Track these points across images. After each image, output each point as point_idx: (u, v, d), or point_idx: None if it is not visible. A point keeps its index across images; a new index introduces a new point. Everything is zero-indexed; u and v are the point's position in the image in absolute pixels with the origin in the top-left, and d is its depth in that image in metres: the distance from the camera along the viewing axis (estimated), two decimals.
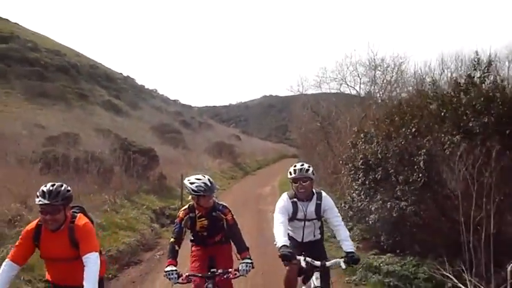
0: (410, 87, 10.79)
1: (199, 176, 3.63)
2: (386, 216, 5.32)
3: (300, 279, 3.92)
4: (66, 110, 26.54)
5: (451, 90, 5.93)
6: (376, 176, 5.59)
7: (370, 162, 5.79)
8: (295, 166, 3.90)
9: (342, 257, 3.62)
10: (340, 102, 14.08)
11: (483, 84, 5.76)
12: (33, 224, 2.97)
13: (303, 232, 3.96)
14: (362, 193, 5.91)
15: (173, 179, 13.41)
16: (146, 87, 43.74)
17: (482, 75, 5.94)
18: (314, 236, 4.02)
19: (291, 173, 3.85)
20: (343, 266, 3.55)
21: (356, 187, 6.11)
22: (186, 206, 3.75)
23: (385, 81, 14.02)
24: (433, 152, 5.15)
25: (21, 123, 18.49)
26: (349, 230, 5.27)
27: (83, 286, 2.72)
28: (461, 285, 4.19)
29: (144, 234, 7.86)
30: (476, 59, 6.31)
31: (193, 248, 3.92)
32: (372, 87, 13.49)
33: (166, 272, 3.39)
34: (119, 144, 12.08)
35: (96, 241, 3.01)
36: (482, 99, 5.19)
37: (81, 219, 3.00)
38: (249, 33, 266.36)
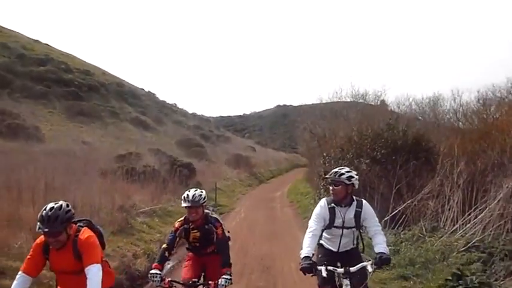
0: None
1: (195, 189, 4.21)
2: None
3: None
4: (102, 127, 32.29)
5: (373, 131, 11.37)
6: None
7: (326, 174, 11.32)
8: (334, 169, 4.05)
9: (369, 260, 3.81)
10: (332, 124, 19.34)
11: (392, 130, 11.19)
12: (42, 238, 3.25)
13: (340, 241, 4.03)
14: (322, 190, 11.43)
15: (206, 185, 18.91)
16: (167, 102, 49.64)
17: (393, 124, 11.40)
18: (350, 245, 4.11)
19: (327, 177, 4.13)
20: (370, 269, 3.64)
21: (320, 187, 11.60)
22: (182, 218, 4.28)
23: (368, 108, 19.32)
24: (358, 168, 10.60)
25: (71, 140, 23.86)
26: None
27: None
28: None
29: None
30: (392, 114, 11.78)
31: (188, 254, 4.50)
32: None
33: (150, 274, 3.88)
34: (168, 160, 17.71)
35: (98, 253, 3.27)
36: (382, 140, 10.65)
37: (84, 233, 3.29)
38: (262, 43, 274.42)
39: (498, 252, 6.59)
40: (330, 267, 3.68)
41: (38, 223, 3.07)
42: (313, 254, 3.77)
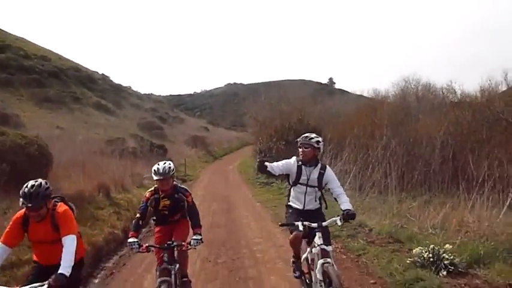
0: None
1: (163, 162, 5.09)
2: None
3: (304, 241, 5.00)
4: (69, 112, 38.28)
5: (289, 124, 20.20)
6: (261, 155, 19.74)
7: (261, 151, 19.91)
8: (304, 134, 5.14)
9: (338, 215, 4.72)
10: (270, 114, 27.94)
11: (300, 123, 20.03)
12: (21, 212, 3.97)
13: (305, 198, 5.08)
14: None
15: (174, 161, 27.07)
16: (122, 85, 56.57)
17: (302, 119, 20.25)
18: (314, 204, 5.15)
19: (298, 140, 5.11)
20: (339, 222, 4.68)
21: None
22: (152, 188, 5.16)
23: None
24: (278, 147, 19.33)
25: (47, 126, 30.24)
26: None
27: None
28: None
29: None
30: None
31: (155, 228, 5.45)
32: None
33: (129, 243, 4.74)
34: (146, 143, 25.73)
35: (74, 225, 4.03)
36: (293, 130, 19.49)
37: (61, 207, 4.06)
38: (211, 20, 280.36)
39: None
40: (305, 222, 4.70)
41: (21, 199, 3.77)
42: (265, 164, 5.05)
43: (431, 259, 6.19)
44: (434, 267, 6.10)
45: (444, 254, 6.21)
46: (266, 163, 5.05)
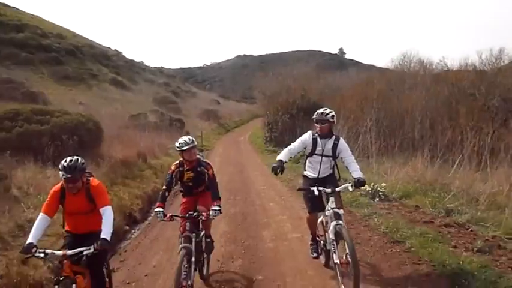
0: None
1: (185, 136, 5.75)
2: (271, 137, 23.67)
3: (320, 222, 5.94)
4: (87, 88, 41.78)
5: (292, 100, 24.15)
6: (269, 127, 23.68)
7: (269, 123, 23.83)
8: (318, 110, 5.80)
9: (349, 182, 5.54)
10: (277, 89, 31.69)
11: (303, 99, 23.94)
12: (58, 186, 4.57)
13: (320, 167, 5.82)
14: (267, 133, 24.09)
15: (192, 133, 31.11)
16: (135, 60, 60.41)
17: (304, 95, 24.14)
18: (328, 172, 5.91)
19: (314, 117, 5.74)
20: (350, 188, 5.46)
21: (266, 132, 24.21)
22: (177, 162, 5.80)
23: None
24: (283, 120, 23.28)
25: (70, 102, 33.90)
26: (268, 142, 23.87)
27: (95, 231, 4.36)
28: None
29: None
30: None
31: (182, 199, 6.08)
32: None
33: (155, 212, 5.43)
34: (167, 117, 29.74)
35: (108, 197, 4.69)
36: (296, 104, 23.43)
37: (94, 181, 4.66)
38: None
39: None
40: (320, 188, 5.43)
41: (61, 171, 4.35)
42: (284, 162, 5.71)
43: (370, 191, 10.19)
44: (371, 196, 10.10)
45: (379, 189, 10.19)
46: (284, 164, 5.71)
